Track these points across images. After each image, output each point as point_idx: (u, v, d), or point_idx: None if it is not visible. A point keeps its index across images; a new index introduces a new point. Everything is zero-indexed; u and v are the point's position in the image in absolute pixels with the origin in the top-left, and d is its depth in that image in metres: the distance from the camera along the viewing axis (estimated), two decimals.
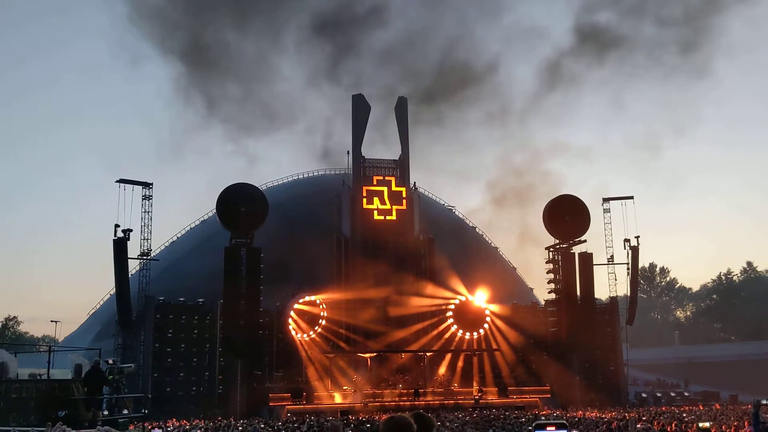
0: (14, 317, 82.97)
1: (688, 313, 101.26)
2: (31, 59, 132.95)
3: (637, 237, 49.75)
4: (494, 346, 48.06)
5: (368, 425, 22.42)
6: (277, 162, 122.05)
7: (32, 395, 18.03)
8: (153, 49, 76.48)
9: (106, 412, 18.53)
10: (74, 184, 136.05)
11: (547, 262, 50.77)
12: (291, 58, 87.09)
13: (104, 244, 43.07)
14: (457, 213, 69.30)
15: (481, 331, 48.48)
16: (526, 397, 43.15)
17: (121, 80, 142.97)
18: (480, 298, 48.79)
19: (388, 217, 49.29)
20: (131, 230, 42.53)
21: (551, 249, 50.53)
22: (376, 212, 49.26)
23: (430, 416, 4.43)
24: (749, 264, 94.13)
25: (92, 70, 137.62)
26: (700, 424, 15.53)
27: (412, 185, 51.23)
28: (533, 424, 2.31)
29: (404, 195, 49.98)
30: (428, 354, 46.63)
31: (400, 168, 50.57)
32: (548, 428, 2.31)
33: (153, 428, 19.32)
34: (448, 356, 47.38)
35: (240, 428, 23.55)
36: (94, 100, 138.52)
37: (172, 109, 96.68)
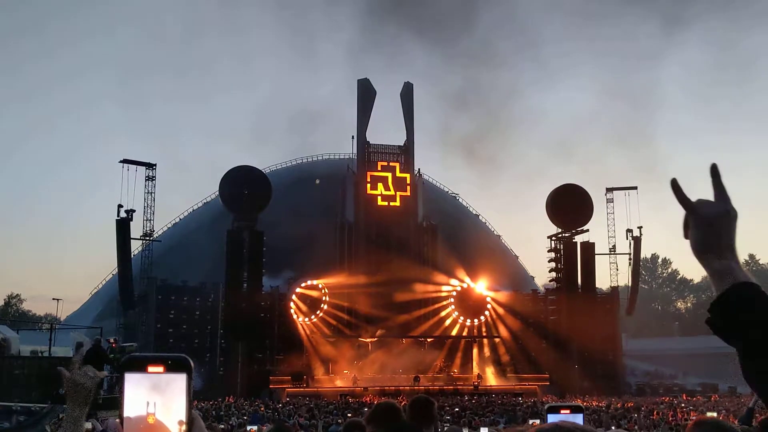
0: (17, 295, 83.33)
1: (689, 305, 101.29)
2: (30, 32, 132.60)
3: (640, 227, 49.75)
4: (494, 333, 48.22)
5: (367, 409, 22.57)
6: (280, 145, 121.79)
7: (34, 372, 18.19)
8: None
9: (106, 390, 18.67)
10: (78, 163, 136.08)
11: (548, 251, 50.86)
12: None
13: (107, 224, 43.14)
14: (460, 200, 69.28)
15: (482, 318, 48.61)
16: (525, 384, 43.34)
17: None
18: (481, 286, 48.88)
19: (391, 203, 49.24)
20: (134, 211, 42.64)
21: (553, 238, 50.60)
22: (379, 198, 49.21)
23: (430, 398, 4.44)
24: (751, 256, 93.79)
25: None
26: (708, 414, 15.59)
27: (416, 172, 51.21)
28: (545, 407, 2.24)
29: (408, 181, 49.93)
30: (429, 340, 46.77)
31: (405, 154, 50.48)
32: (562, 411, 2.23)
33: None
34: (449, 342, 47.56)
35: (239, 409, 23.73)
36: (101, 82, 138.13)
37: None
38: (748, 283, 1.37)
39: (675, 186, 1.43)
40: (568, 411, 2.22)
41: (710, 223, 1.42)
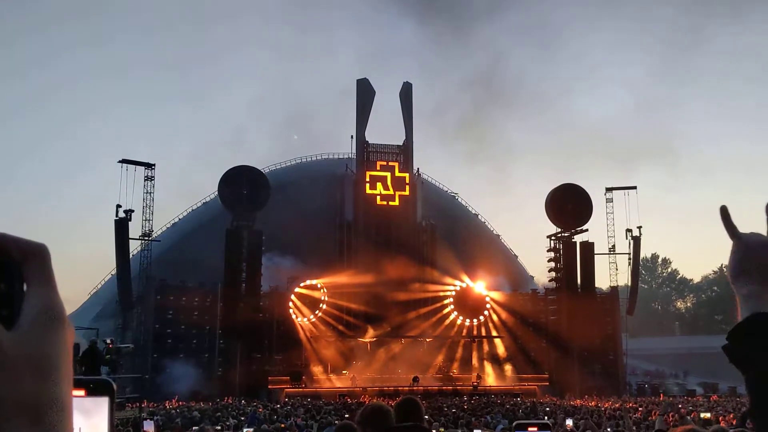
0: None
1: (689, 304, 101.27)
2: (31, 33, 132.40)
3: (639, 227, 49.65)
4: (493, 333, 48.11)
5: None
6: (279, 145, 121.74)
7: None
8: None
9: None
10: (77, 163, 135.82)
11: (548, 251, 50.76)
12: None
13: (106, 224, 43.06)
14: (460, 200, 69.16)
15: (481, 318, 48.52)
16: (525, 385, 43.24)
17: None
18: (480, 285, 48.79)
19: (390, 203, 49.20)
20: (133, 211, 42.55)
21: (553, 237, 50.51)
22: (378, 197, 49.18)
23: (419, 400, 4.38)
24: None
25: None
26: (701, 415, 15.49)
27: (415, 171, 51.15)
28: (514, 424, 2.19)
29: (407, 181, 49.88)
30: (428, 340, 46.66)
31: (404, 153, 50.44)
32: (529, 429, 2.18)
33: (147, 409, 19.36)
34: (448, 342, 47.47)
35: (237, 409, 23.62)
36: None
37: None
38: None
39: (724, 213, 1.35)
40: (535, 429, 2.17)
41: (748, 250, 1.35)
